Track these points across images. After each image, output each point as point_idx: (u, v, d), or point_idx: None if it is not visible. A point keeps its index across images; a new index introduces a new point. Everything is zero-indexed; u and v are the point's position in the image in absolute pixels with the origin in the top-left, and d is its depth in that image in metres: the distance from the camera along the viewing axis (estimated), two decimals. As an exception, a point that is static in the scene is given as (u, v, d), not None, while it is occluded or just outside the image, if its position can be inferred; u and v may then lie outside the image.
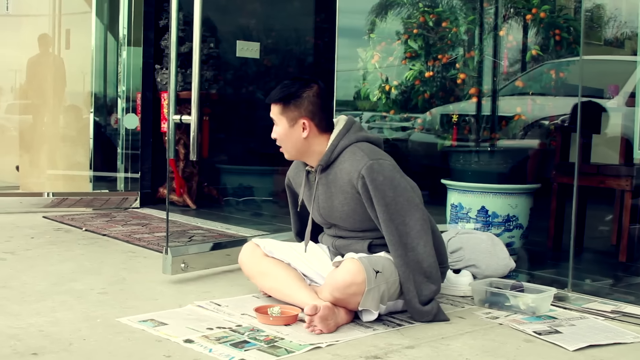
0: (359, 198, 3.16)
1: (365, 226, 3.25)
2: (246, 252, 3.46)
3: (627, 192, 4.49)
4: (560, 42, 5.39)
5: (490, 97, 5.66)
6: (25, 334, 2.80)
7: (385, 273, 3.03)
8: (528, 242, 4.68)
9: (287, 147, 3.33)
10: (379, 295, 3.01)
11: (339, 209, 3.25)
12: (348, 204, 3.22)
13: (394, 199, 3.09)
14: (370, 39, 6.28)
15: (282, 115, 3.28)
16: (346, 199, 3.21)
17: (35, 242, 4.80)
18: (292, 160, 3.45)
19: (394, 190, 3.10)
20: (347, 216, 3.25)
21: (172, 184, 6.61)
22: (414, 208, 3.13)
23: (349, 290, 2.94)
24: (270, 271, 3.35)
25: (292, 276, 3.29)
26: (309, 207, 3.41)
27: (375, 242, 3.26)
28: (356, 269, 2.95)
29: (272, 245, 3.43)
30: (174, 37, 3.90)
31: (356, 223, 3.26)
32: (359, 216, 3.22)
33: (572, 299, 3.53)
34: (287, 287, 3.25)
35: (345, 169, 3.19)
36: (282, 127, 3.30)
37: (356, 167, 3.14)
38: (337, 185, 3.23)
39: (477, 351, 2.76)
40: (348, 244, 3.32)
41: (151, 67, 6.72)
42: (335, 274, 3.01)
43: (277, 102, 3.29)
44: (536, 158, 5.35)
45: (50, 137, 7.56)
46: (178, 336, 2.80)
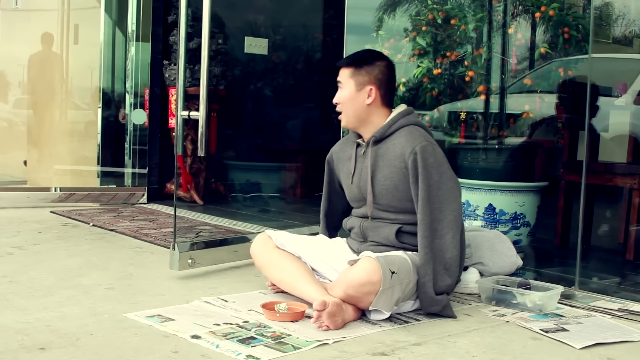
0: (404, 174, 3.21)
1: (400, 206, 3.27)
2: (258, 243, 3.47)
3: (634, 190, 4.48)
4: (569, 40, 5.39)
5: (498, 94, 5.65)
6: (32, 328, 2.80)
7: (401, 274, 3.02)
8: (535, 240, 4.67)
9: (347, 112, 3.36)
10: (392, 296, 3.00)
11: (381, 182, 3.28)
12: (392, 178, 3.25)
13: (437, 183, 3.17)
14: (379, 36, 6.28)
15: (352, 78, 3.33)
16: (391, 172, 3.25)
17: (42, 237, 4.81)
18: (347, 128, 3.46)
19: (440, 176, 3.18)
20: (386, 191, 3.27)
21: (180, 179, 6.61)
22: (452, 199, 3.20)
23: (364, 289, 2.94)
24: (280, 263, 3.35)
25: (302, 270, 3.30)
26: (349, 181, 3.44)
27: (405, 228, 3.27)
28: (372, 268, 2.94)
29: (284, 238, 3.43)
30: (182, 32, 3.90)
31: (393, 200, 3.27)
32: (398, 193, 3.25)
33: (579, 297, 3.52)
34: (297, 280, 3.26)
35: (400, 143, 3.25)
36: (348, 91, 3.33)
37: (412, 143, 3.20)
38: (385, 159, 3.28)
39: (484, 349, 2.76)
40: (376, 226, 3.33)
41: (159, 62, 6.72)
42: (350, 272, 3.00)
43: (349, 65, 3.35)
44: (544, 156, 5.35)
45: (58, 132, 7.57)
46: (185, 332, 2.80)
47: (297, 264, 3.33)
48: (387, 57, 3.45)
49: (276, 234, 3.46)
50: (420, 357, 2.63)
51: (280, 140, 7.97)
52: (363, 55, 3.41)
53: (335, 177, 3.63)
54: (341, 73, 3.36)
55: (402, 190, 3.24)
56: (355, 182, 3.40)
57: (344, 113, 3.37)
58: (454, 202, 3.21)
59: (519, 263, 3.86)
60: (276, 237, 3.43)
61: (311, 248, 3.43)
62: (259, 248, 3.45)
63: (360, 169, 3.38)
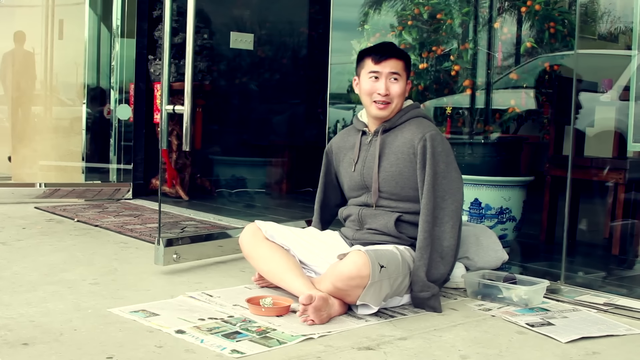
0: (411, 160, 3.26)
1: (402, 193, 3.30)
2: (247, 234, 3.46)
3: (620, 185, 4.49)
4: (554, 34, 5.39)
5: (484, 89, 5.65)
6: (15, 324, 2.78)
7: (390, 269, 3.01)
8: (521, 235, 4.68)
9: (397, 104, 3.38)
10: (380, 290, 2.99)
11: (387, 169, 3.32)
12: (397, 164, 3.30)
13: (443, 172, 3.23)
14: (365, 30, 6.26)
15: (405, 71, 3.39)
16: (397, 159, 3.30)
17: (26, 233, 4.78)
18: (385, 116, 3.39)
19: (446, 165, 3.24)
20: (391, 177, 3.31)
21: (165, 175, 6.59)
22: (456, 189, 3.26)
23: (352, 282, 2.93)
24: (268, 255, 3.34)
25: (289, 263, 3.29)
26: (351, 169, 3.46)
27: (404, 217, 3.30)
28: (362, 262, 2.93)
29: (274, 230, 3.42)
30: (167, 27, 3.88)
31: (396, 187, 3.30)
32: (402, 181, 3.29)
33: (565, 292, 3.53)
34: (284, 273, 3.25)
35: (410, 130, 3.32)
36: (404, 83, 3.38)
37: (422, 131, 3.27)
38: (392, 146, 3.33)
39: (470, 343, 2.75)
40: (376, 214, 3.35)
41: (144, 57, 6.70)
42: (340, 265, 2.99)
43: (403, 58, 3.40)
44: (530, 151, 5.35)
45: (43, 128, 7.53)
46: (169, 327, 2.79)
47: (285, 257, 3.32)
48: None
49: (266, 225, 3.45)
50: (406, 351, 2.63)
51: (265, 135, 7.96)
52: (401, 49, 3.49)
53: (333, 169, 3.65)
54: (395, 64, 3.36)
55: (406, 177, 3.29)
56: (358, 169, 3.42)
57: (393, 105, 3.37)
58: (457, 193, 3.27)
59: (504, 258, 3.86)
60: (266, 228, 3.42)
61: (301, 240, 3.43)
62: (248, 238, 3.44)
63: (365, 157, 3.41)
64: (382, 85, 3.33)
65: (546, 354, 2.65)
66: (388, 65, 3.34)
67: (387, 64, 3.34)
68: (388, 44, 3.48)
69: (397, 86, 3.34)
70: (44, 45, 7.58)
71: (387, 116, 3.38)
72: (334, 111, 6.76)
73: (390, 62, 3.34)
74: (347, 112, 7.06)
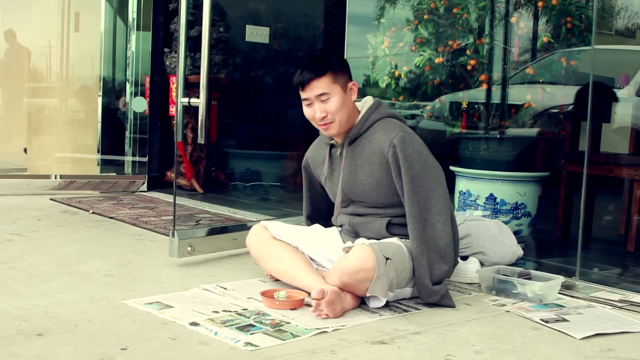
0: (385, 169, 3.18)
1: (386, 202, 3.26)
2: (254, 235, 3.45)
3: (636, 181, 4.47)
4: (571, 29, 5.37)
5: (500, 84, 5.64)
6: (30, 314, 2.79)
7: (395, 260, 3.01)
8: (536, 230, 4.66)
9: (342, 118, 3.24)
10: (387, 282, 2.99)
11: (363, 182, 3.25)
12: (373, 175, 3.23)
13: (421, 173, 3.14)
14: (380, 24, 6.25)
15: (336, 83, 3.21)
16: (372, 170, 3.23)
17: (42, 224, 4.80)
18: (335, 134, 3.30)
19: (421, 165, 3.15)
20: (370, 189, 3.25)
21: (180, 167, 6.60)
22: (438, 185, 3.18)
23: (358, 276, 2.93)
24: (277, 254, 3.33)
25: (299, 259, 3.28)
26: (331, 184, 3.42)
27: (394, 220, 3.26)
28: (366, 255, 2.93)
29: (280, 228, 3.42)
30: (183, 20, 3.89)
31: (379, 197, 3.26)
32: (383, 189, 3.23)
33: (580, 288, 3.51)
34: (294, 270, 3.24)
35: (376, 139, 3.21)
36: (339, 96, 3.21)
37: (388, 137, 3.16)
38: (363, 157, 3.25)
39: (484, 338, 2.75)
40: (366, 222, 3.32)
41: (160, 50, 6.70)
42: (344, 260, 2.99)
43: (326, 73, 3.20)
44: (545, 146, 5.33)
45: (59, 121, 7.56)
46: (184, 319, 2.79)
47: (294, 254, 3.32)
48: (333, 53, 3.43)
49: (272, 224, 3.44)
50: (420, 345, 2.62)
51: (280, 129, 7.95)
52: (325, 59, 3.26)
53: (316, 180, 3.61)
54: (318, 84, 3.20)
55: (385, 186, 3.22)
56: (335, 184, 3.39)
57: (338, 120, 3.23)
58: (440, 188, 3.18)
59: (519, 253, 3.85)
60: (272, 227, 3.41)
61: (307, 238, 3.42)
62: (255, 239, 3.43)
63: (339, 171, 3.34)
64: (316, 109, 3.22)
65: (560, 350, 2.64)
66: (313, 89, 3.20)
67: (311, 89, 3.21)
68: (310, 62, 3.26)
69: (331, 104, 3.20)
70: (60, 37, 7.60)
71: (338, 132, 3.28)
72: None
73: (312, 84, 3.20)
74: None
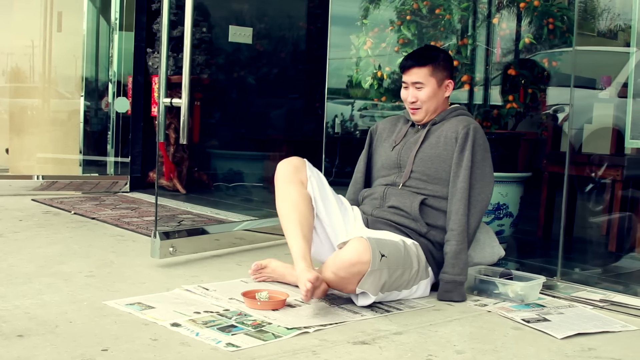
0: (452, 145, 3.40)
1: (433, 175, 3.41)
2: (290, 165, 3.42)
3: (617, 182, 4.49)
4: (553, 30, 5.39)
5: (482, 85, 5.65)
6: (11, 315, 2.78)
7: (390, 259, 3.01)
8: (518, 231, 4.68)
9: (429, 108, 3.51)
10: (379, 279, 2.99)
11: (426, 151, 3.45)
12: (438, 147, 3.43)
13: (479, 163, 3.37)
14: (363, 25, 6.25)
15: (432, 76, 3.48)
16: (438, 142, 3.44)
17: (23, 225, 4.78)
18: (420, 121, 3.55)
19: (482, 159, 3.39)
20: (428, 158, 3.43)
21: (162, 168, 6.58)
22: (487, 183, 3.40)
23: (354, 268, 2.93)
24: (292, 200, 3.31)
25: (303, 221, 3.25)
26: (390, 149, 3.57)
27: (428, 201, 3.39)
28: (363, 248, 2.93)
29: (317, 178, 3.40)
30: (165, 20, 3.88)
31: (430, 168, 3.41)
32: (438, 163, 3.41)
33: (561, 288, 3.53)
34: (292, 226, 3.24)
35: (457, 119, 3.48)
36: (431, 88, 3.49)
37: (466, 122, 3.43)
38: (436, 133, 3.48)
39: (465, 338, 2.75)
40: (401, 193, 3.43)
41: (143, 50, 6.68)
42: (341, 253, 3.00)
43: (427, 64, 3.48)
44: (527, 147, 5.34)
45: (41, 121, 7.53)
46: (165, 320, 2.78)
47: (305, 212, 3.28)
48: (444, 50, 3.76)
49: (313, 170, 3.43)
50: (402, 346, 2.63)
51: (263, 129, 7.95)
52: (434, 52, 3.58)
53: (372, 149, 3.74)
54: (418, 72, 3.48)
55: (443, 160, 3.41)
56: (397, 149, 3.54)
57: (425, 108, 3.50)
58: (487, 186, 3.40)
59: (501, 253, 3.84)
60: (311, 173, 3.39)
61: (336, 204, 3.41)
62: (289, 169, 3.40)
63: (407, 140, 3.54)
64: (409, 93, 3.51)
65: (541, 349, 2.65)
66: (412, 75, 3.49)
67: (411, 74, 3.49)
68: (419, 51, 3.68)
69: (422, 93, 3.48)
70: (43, 37, 7.57)
71: (421, 119, 3.54)
72: (332, 106, 6.76)
73: (413, 71, 3.49)
74: (345, 107, 7.07)
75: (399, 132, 3.62)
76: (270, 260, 3.52)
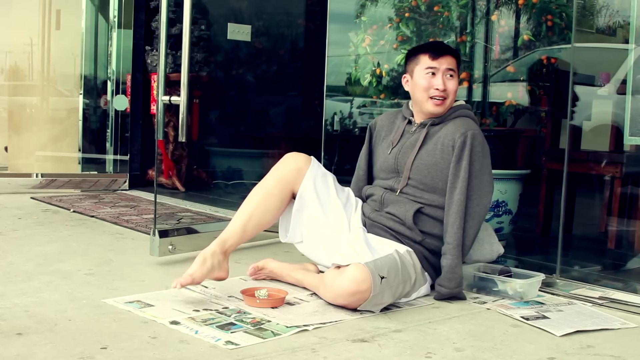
0: (449, 153, 3.28)
1: (430, 184, 3.31)
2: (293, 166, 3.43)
3: (616, 179, 4.49)
4: (552, 27, 5.39)
5: (481, 82, 5.65)
6: (10, 314, 2.77)
7: (390, 278, 2.98)
8: (517, 228, 4.67)
9: (452, 100, 3.42)
10: (382, 299, 2.97)
11: (423, 158, 3.34)
12: (434, 155, 3.32)
13: (477, 172, 3.25)
14: (362, 22, 6.25)
15: (458, 69, 3.43)
16: (435, 149, 3.32)
17: (22, 223, 4.77)
18: (440, 113, 3.40)
19: (481, 167, 3.27)
20: (424, 166, 3.32)
21: (161, 166, 6.58)
22: (485, 193, 3.29)
23: (353, 298, 2.92)
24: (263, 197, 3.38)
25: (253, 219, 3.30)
26: (387, 151, 3.48)
27: (425, 210, 3.30)
28: (361, 277, 2.90)
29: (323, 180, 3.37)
30: (164, 18, 3.87)
31: (427, 177, 3.31)
32: (435, 171, 3.30)
33: (560, 285, 3.53)
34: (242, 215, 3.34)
35: (454, 124, 3.35)
36: (457, 80, 3.42)
37: (465, 128, 3.29)
38: (433, 138, 3.36)
39: (465, 335, 2.75)
40: (398, 200, 3.34)
41: (141, 48, 6.68)
42: (339, 282, 2.96)
43: (456, 56, 3.44)
44: (526, 144, 5.34)
45: (40, 119, 7.52)
46: (164, 318, 2.78)
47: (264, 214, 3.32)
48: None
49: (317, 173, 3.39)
50: (401, 343, 2.63)
51: (262, 127, 7.95)
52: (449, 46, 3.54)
53: (372, 146, 3.67)
54: (450, 61, 3.39)
55: (439, 169, 3.30)
56: (394, 153, 3.44)
57: (448, 101, 3.39)
58: (485, 196, 3.29)
59: (500, 251, 3.84)
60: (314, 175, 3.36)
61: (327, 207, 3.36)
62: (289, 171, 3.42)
63: (404, 143, 3.43)
64: (440, 80, 3.35)
65: (540, 347, 2.65)
66: (445, 62, 3.37)
67: (444, 60, 3.37)
68: (440, 42, 3.62)
69: (452, 82, 3.38)
70: (41, 35, 7.56)
71: (441, 112, 3.39)
72: (330, 103, 6.77)
73: (447, 58, 3.38)
74: (344, 104, 7.07)
75: (396, 131, 3.53)
76: (267, 261, 3.51)
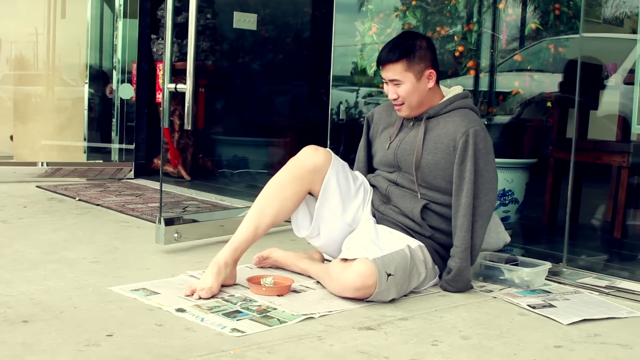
0: (450, 152, 3.20)
1: (433, 183, 3.25)
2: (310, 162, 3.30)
3: (623, 168, 4.47)
4: (559, 16, 5.37)
5: (488, 71, 5.63)
6: (16, 301, 2.77)
7: (397, 276, 2.97)
8: (523, 217, 4.66)
9: (411, 103, 3.28)
10: (387, 296, 2.96)
11: (425, 157, 3.25)
12: (435, 154, 3.24)
13: (481, 171, 3.17)
14: (368, 11, 6.24)
15: (408, 71, 3.24)
16: (436, 149, 3.24)
17: (28, 211, 4.77)
18: (406, 116, 3.35)
19: (485, 164, 3.19)
20: (426, 165, 3.25)
21: (167, 155, 6.58)
22: (491, 189, 3.22)
23: (358, 292, 2.92)
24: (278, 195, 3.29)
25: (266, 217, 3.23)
26: (385, 146, 3.41)
27: (431, 206, 3.25)
28: (367, 273, 2.89)
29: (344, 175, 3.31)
30: (170, 6, 3.87)
31: (429, 176, 3.25)
32: (437, 171, 3.23)
33: (567, 274, 3.52)
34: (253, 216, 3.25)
35: (453, 121, 3.24)
36: (410, 83, 3.24)
37: (465, 125, 3.19)
38: (433, 133, 3.26)
39: (471, 324, 2.75)
40: (403, 195, 3.30)
41: (147, 37, 6.67)
42: (345, 275, 2.95)
43: (400, 59, 3.24)
44: (533, 133, 5.33)
45: (45, 108, 7.52)
46: (170, 305, 2.78)
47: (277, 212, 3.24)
48: (423, 35, 3.44)
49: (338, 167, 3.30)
50: (407, 331, 2.62)
51: (268, 116, 7.94)
52: (406, 42, 3.28)
53: (370, 138, 3.60)
54: (392, 69, 3.24)
55: (441, 168, 3.23)
56: (392, 148, 3.37)
57: (407, 104, 3.28)
58: (492, 193, 3.23)
59: (507, 239, 3.84)
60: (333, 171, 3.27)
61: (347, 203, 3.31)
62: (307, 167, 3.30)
63: (403, 138, 3.35)
64: (388, 89, 3.30)
65: (547, 335, 2.64)
66: (386, 72, 3.27)
67: (385, 71, 3.28)
68: (392, 42, 3.32)
69: (401, 89, 3.24)
70: (47, 24, 7.55)
71: (408, 115, 3.33)
72: (336, 93, 6.75)
73: (387, 67, 3.27)
74: (350, 93, 7.05)
75: (394, 123, 3.45)
76: (272, 250, 3.51)
